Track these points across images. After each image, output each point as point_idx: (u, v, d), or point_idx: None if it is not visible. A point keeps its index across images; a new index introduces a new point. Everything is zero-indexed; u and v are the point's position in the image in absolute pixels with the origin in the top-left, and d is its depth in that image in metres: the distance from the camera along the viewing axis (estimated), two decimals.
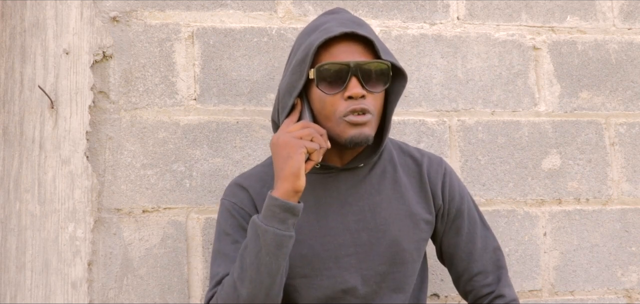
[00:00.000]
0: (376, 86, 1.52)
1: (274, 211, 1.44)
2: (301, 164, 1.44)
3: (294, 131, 1.48)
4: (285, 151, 1.46)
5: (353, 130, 1.49)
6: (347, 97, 1.49)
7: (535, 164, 2.06)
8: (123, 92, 1.90)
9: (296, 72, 1.54)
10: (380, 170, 1.63)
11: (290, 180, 1.44)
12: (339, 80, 1.50)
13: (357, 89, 1.48)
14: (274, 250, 1.44)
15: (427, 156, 1.70)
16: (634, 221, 2.09)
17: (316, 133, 1.48)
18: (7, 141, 1.83)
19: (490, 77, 2.08)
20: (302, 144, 1.45)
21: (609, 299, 2.04)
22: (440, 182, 1.67)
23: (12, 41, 1.86)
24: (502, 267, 1.69)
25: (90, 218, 1.82)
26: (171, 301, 1.84)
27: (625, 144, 2.12)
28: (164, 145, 1.89)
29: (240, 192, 1.62)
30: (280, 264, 1.45)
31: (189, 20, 1.95)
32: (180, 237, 1.86)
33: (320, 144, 1.48)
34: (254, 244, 1.45)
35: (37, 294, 1.77)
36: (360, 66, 1.49)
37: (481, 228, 1.71)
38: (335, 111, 1.50)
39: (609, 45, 2.17)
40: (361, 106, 1.49)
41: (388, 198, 1.61)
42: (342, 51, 1.52)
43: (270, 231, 1.43)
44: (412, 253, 1.60)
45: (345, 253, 1.57)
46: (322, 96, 1.52)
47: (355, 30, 1.51)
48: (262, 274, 1.44)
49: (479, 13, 2.11)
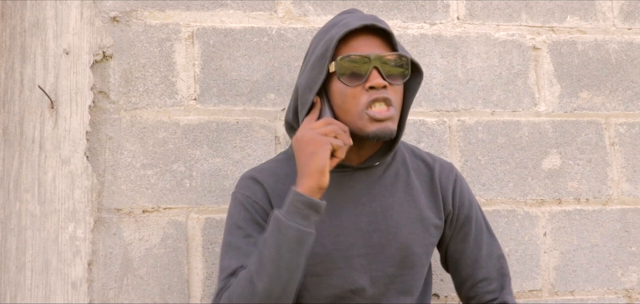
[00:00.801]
0: (396, 78, 1.52)
1: (298, 207, 1.44)
2: (326, 160, 1.45)
3: (318, 128, 1.48)
4: (310, 147, 1.46)
5: (376, 125, 1.49)
6: (368, 88, 1.49)
7: (535, 164, 2.06)
8: (123, 92, 1.90)
9: (316, 67, 1.55)
10: (393, 172, 1.64)
11: (315, 176, 1.44)
12: (360, 72, 1.50)
13: (378, 79, 1.49)
14: (296, 246, 1.43)
15: (438, 161, 1.71)
16: (634, 221, 2.09)
17: (340, 130, 1.49)
18: (7, 141, 1.83)
19: (490, 77, 2.08)
20: (327, 141, 1.46)
21: (609, 299, 2.04)
22: (451, 188, 1.67)
23: (12, 41, 1.87)
24: (505, 275, 1.70)
25: (90, 218, 1.82)
26: (171, 301, 1.84)
27: (625, 144, 2.12)
28: (164, 145, 1.89)
29: (254, 186, 1.61)
30: (299, 261, 1.44)
31: (189, 20, 1.95)
32: (180, 237, 1.86)
33: (344, 140, 1.49)
34: (274, 239, 1.44)
35: (37, 294, 1.77)
36: (381, 58, 1.50)
37: (487, 235, 1.72)
38: (358, 103, 1.50)
39: (609, 45, 2.17)
40: (383, 95, 1.49)
41: (400, 201, 1.61)
42: (361, 44, 1.53)
43: (293, 227, 1.43)
44: (421, 256, 1.61)
45: (356, 253, 1.57)
46: (343, 89, 1.52)
47: (374, 23, 1.53)
48: (281, 269, 1.43)
49: (479, 13, 2.11)
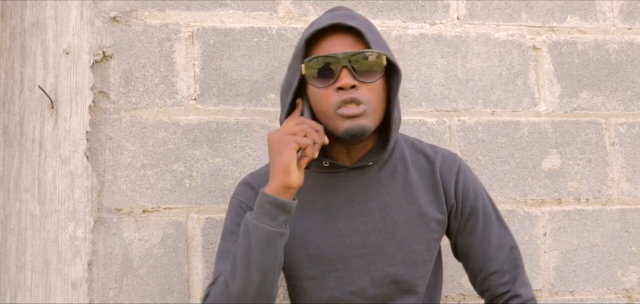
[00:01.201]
0: (369, 76, 1.48)
1: (265, 208, 1.44)
2: (290, 159, 1.43)
3: (286, 128, 1.47)
4: (276, 147, 1.46)
5: (347, 123, 1.47)
6: (337, 89, 1.47)
7: (535, 164, 2.06)
8: (123, 92, 1.90)
9: (291, 70, 1.54)
10: (390, 169, 1.61)
11: (280, 176, 1.43)
12: (329, 73, 1.48)
13: (346, 80, 1.46)
14: (264, 247, 1.43)
15: (440, 153, 1.66)
16: (634, 221, 2.09)
17: (309, 128, 1.47)
18: (7, 141, 1.83)
19: (490, 77, 2.08)
20: (292, 140, 1.44)
21: (609, 299, 2.04)
22: (454, 180, 1.63)
23: (12, 41, 1.87)
24: (518, 266, 1.65)
25: (90, 218, 1.82)
26: (171, 301, 1.84)
27: (625, 144, 2.12)
28: (164, 145, 1.89)
29: (248, 191, 1.62)
30: (270, 261, 1.44)
31: (189, 20, 1.95)
32: (180, 237, 1.86)
33: (314, 139, 1.46)
34: (245, 240, 1.45)
35: (37, 294, 1.77)
36: (350, 57, 1.47)
37: (497, 226, 1.67)
38: (329, 104, 1.48)
39: (609, 45, 2.17)
40: (351, 95, 1.46)
41: (398, 198, 1.59)
42: (332, 44, 1.50)
43: (260, 228, 1.43)
44: (422, 253, 1.58)
45: (355, 254, 1.55)
46: (315, 91, 1.50)
47: (342, 22, 1.50)
48: (252, 270, 1.43)
49: (479, 13, 2.11)
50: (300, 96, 1.56)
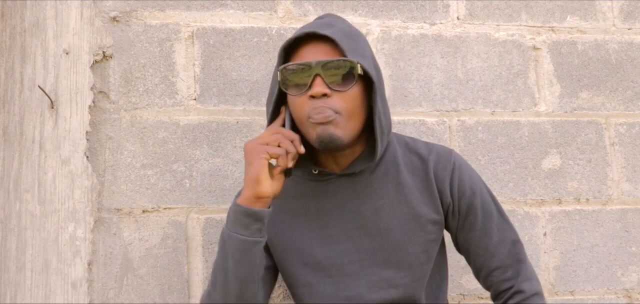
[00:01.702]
0: (342, 84, 1.47)
1: (237, 217, 1.45)
2: (260, 169, 1.44)
3: (261, 137, 1.48)
4: (248, 157, 1.47)
5: (318, 129, 1.46)
6: (309, 97, 1.47)
7: (535, 164, 2.06)
8: (123, 92, 1.90)
9: (273, 78, 1.55)
10: (382, 173, 1.60)
11: (251, 186, 1.45)
12: (303, 81, 1.47)
13: (318, 88, 1.45)
14: (239, 256, 1.45)
15: (435, 151, 1.63)
16: (634, 221, 2.09)
17: (284, 138, 1.47)
18: (7, 141, 1.83)
19: (490, 77, 2.08)
20: (263, 150, 1.45)
21: (609, 299, 2.03)
22: (448, 179, 1.60)
23: (12, 41, 1.86)
24: (521, 260, 1.62)
25: (90, 218, 1.82)
26: (171, 301, 1.84)
27: (625, 144, 2.12)
28: (164, 145, 1.89)
29: None
30: (247, 269, 1.45)
31: (189, 20, 1.95)
32: (180, 237, 1.86)
33: (287, 148, 1.46)
34: (221, 251, 1.48)
35: (37, 294, 1.77)
36: (322, 65, 1.46)
37: (498, 221, 1.64)
38: (303, 112, 1.48)
39: (609, 45, 2.17)
40: (321, 104, 1.46)
41: (390, 201, 1.57)
42: (307, 52, 1.50)
43: (234, 237, 1.45)
44: (418, 256, 1.57)
45: (348, 260, 1.55)
46: (291, 99, 1.51)
47: (317, 31, 1.49)
48: (229, 280, 1.46)
49: (479, 13, 2.11)
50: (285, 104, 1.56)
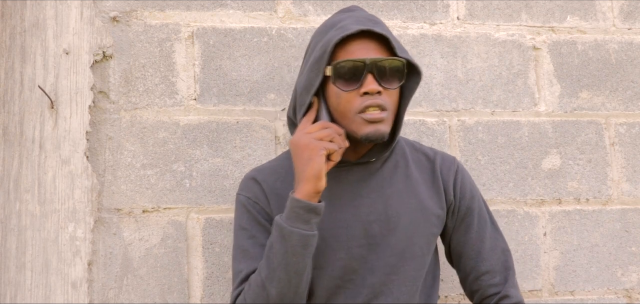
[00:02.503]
0: (391, 82, 1.54)
1: (298, 213, 1.47)
2: (322, 166, 1.47)
3: (313, 132, 1.51)
4: (306, 153, 1.49)
5: (369, 127, 1.52)
6: (363, 93, 1.52)
7: (535, 164, 2.06)
8: (123, 92, 1.90)
9: (313, 70, 1.56)
10: (392, 164, 1.66)
11: (312, 182, 1.47)
12: (355, 77, 1.52)
13: (373, 85, 1.51)
14: (301, 250, 1.47)
15: (440, 154, 1.73)
16: (634, 221, 2.09)
17: (335, 133, 1.51)
18: (7, 141, 1.83)
19: (490, 77, 2.08)
20: (322, 146, 1.48)
21: (609, 299, 2.03)
22: (453, 178, 1.69)
23: (12, 41, 1.86)
24: (509, 268, 1.70)
25: (90, 218, 1.82)
26: (171, 301, 1.84)
27: (625, 144, 2.12)
28: (164, 145, 1.89)
29: (254, 186, 1.65)
30: (306, 263, 1.48)
31: (189, 20, 1.95)
32: (180, 237, 1.86)
33: (340, 144, 1.52)
34: (280, 245, 1.48)
35: (37, 294, 1.77)
36: (376, 63, 1.52)
37: (491, 229, 1.72)
38: (352, 107, 1.53)
39: (609, 45, 2.17)
40: (377, 101, 1.51)
41: (399, 192, 1.63)
42: (358, 48, 1.54)
43: (296, 232, 1.46)
44: (422, 246, 1.62)
45: (356, 244, 1.59)
46: (339, 93, 1.54)
47: (371, 28, 1.54)
48: (290, 273, 1.47)
49: (479, 13, 2.11)
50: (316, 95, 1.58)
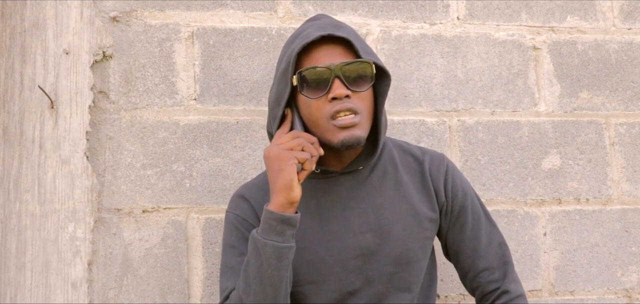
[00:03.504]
0: (360, 85, 1.52)
1: (271, 224, 1.45)
2: (293, 175, 1.45)
3: (284, 143, 1.48)
4: (276, 163, 1.47)
5: (343, 133, 1.50)
6: (331, 99, 1.50)
7: (535, 164, 2.06)
8: (123, 92, 1.90)
9: (281, 82, 1.55)
10: (381, 171, 1.63)
11: (283, 193, 1.45)
12: (321, 83, 1.50)
13: (340, 90, 1.49)
14: (275, 262, 1.45)
15: (428, 154, 1.70)
16: (634, 221, 2.09)
17: (306, 142, 1.49)
18: (7, 141, 1.83)
19: (490, 77, 2.08)
20: (292, 155, 1.46)
21: (609, 299, 2.04)
22: (443, 179, 1.66)
23: (12, 41, 1.87)
24: (507, 262, 1.68)
25: (90, 218, 1.82)
26: (171, 301, 1.84)
27: (625, 144, 2.12)
28: (164, 145, 1.89)
29: (242, 204, 1.64)
30: (282, 275, 1.46)
31: (189, 20, 1.95)
32: (180, 237, 1.86)
33: (312, 152, 1.49)
34: (255, 258, 1.46)
35: (37, 294, 1.77)
36: (342, 67, 1.49)
37: (486, 224, 1.70)
38: (322, 114, 1.51)
39: (609, 45, 2.17)
40: (347, 105, 1.49)
41: (390, 198, 1.61)
42: (322, 55, 1.52)
43: (270, 245, 1.45)
44: (417, 252, 1.60)
45: (351, 256, 1.57)
46: (308, 101, 1.52)
47: (332, 33, 1.52)
48: (265, 287, 1.46)
49: (479, 13, 2.11)
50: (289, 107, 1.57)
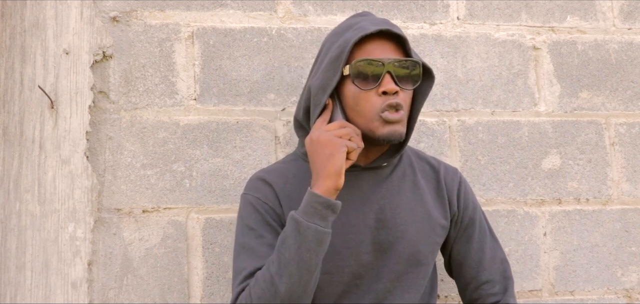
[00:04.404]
0: (407, 83, 1.55)
1: (316, 208, 1.46)
2: (343, 162, 1.48)
3: (333, 130, 1.51)
4: (327, 149, 1.49)
5: (387, 127, 1.53)
6: (381, 93, 1.53)
7: (535, 164, 2.06)
8: (123, 92, 1.90)
9: (330, 70, 1.57)
10: (401, 172, 1.67)
11: (333, 178, 1.47)
12: (373, 76, 1.53)
13: (391, 85, 1.52)
14: (315, 246, 1.46)
15: (443, 164, 1.75)
16: (634, 221, 2.09)
17: (353, 133, 1.52)
18: (7, 141, 1.83)
19: (490, 77, 2.08)
20: (343, 143, 1.49)
21: (609, 299, 2.04)
22: (456, 189, 1.71)
23: (12, 41, 1.86)
24: (508, 278, 1.73)
25: (90, 218, 1.82)
26: (171, 301, 1.84)
27: (625, 144, 2.12)
28: (164, 145, 1.89)
29: (264, 187, 1.63)
30: (318, 261, 1.47)
31: (189, 20, 1.95)
32: (180, 237, 1.86)
33: (358, 143, 1.52)
34: (294, 240, 1.46)
35: (37, 294, 1.77)
36: (394, 63, 1.53)
37: (490, 239, 1.74)
38: (370, 106, 1.53)
39: (609, 45, 2.17)
40: (395, 100, 1.53)
41: (408, 200, 1.64)
42: (376, 48, 1.55)
43: (312, 228, 1.45)
44: (427, 255, 1.63)
45: (365, 250, 1.59)
46: (356, 92, 1.54)
47: (389, 28, 1.56)
48: (301, 269, 1.45)
49: (479, 13, 2.11)
50: (330, 96, 1.59)
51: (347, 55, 1.54)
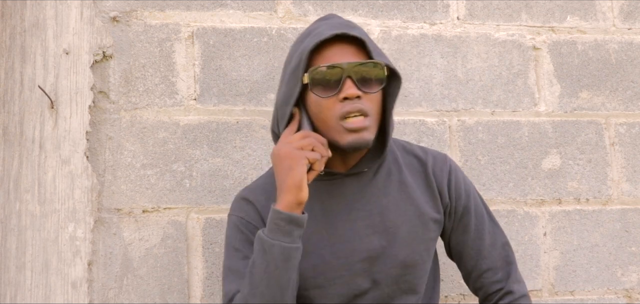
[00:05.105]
0: (371, 86, 1.49)
1: (279, 224, 1.43)
2: (303, 175, 1.43)
3: (294, 142, 1.46)
4: (286, 162, 1.44)
5: (351, 136, 1.47)
6: (342, 99, 1.47)
7: (535, 164, 2.06)
8: (123, 92, 1.90)
9: (291, 80, 1.53)
10: (385, 172, 1.61)
11: (293, 192, 1.43)
12: (333, 83, 1.48)
13: (352, 90, 1.46)
14: (282, 263, 1.43)
15: (431, 154, 1.68)
16: (634, 221, 2.09)
17: (317, 142, 1.47)
18: (7, 141, 1.83)
19: (490, 77, 2.08)
20: (303, 155, 1.44)
21: (609, 299, 2.04)
22: (446, 180, 1.64)
23: (12, 41, 1.87)
24: (511, 262, 1.67)
25: (90, 218, 1.82)
26: (171, 301, 1.84)
27: (625, 144, 2.12)
28: (164, 145, 1.89)
29: (246, 206, 1.61)
30: (289, 276, 1.44)
31: (189, 20, 1.95)
32: (180, 237, 1.86)
33: (322, 153, 1.47)
34: (261, 259, 1.44)
35: (37, 294, 1.77)
36: (354, 67, 1.47)
37: (489, 224, 1.68)
38: (332, 114, 1.48)
39: (609, 45, 2.17)
40: (357, 106, 1.47)
41: (395, 200, 1.59)
42: (334, 54, 1.50)
43: (277, 245, 1.42)
44: (422, 254, 1.59)
45: (357, 259, 1.55)
46: (318, 100, 1.50)
47: (346, 32, 1.50)
48: (272, 288, 1.43)
49: (479, 13, 2.11)
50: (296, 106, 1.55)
51: (304, 63, 1.50)
